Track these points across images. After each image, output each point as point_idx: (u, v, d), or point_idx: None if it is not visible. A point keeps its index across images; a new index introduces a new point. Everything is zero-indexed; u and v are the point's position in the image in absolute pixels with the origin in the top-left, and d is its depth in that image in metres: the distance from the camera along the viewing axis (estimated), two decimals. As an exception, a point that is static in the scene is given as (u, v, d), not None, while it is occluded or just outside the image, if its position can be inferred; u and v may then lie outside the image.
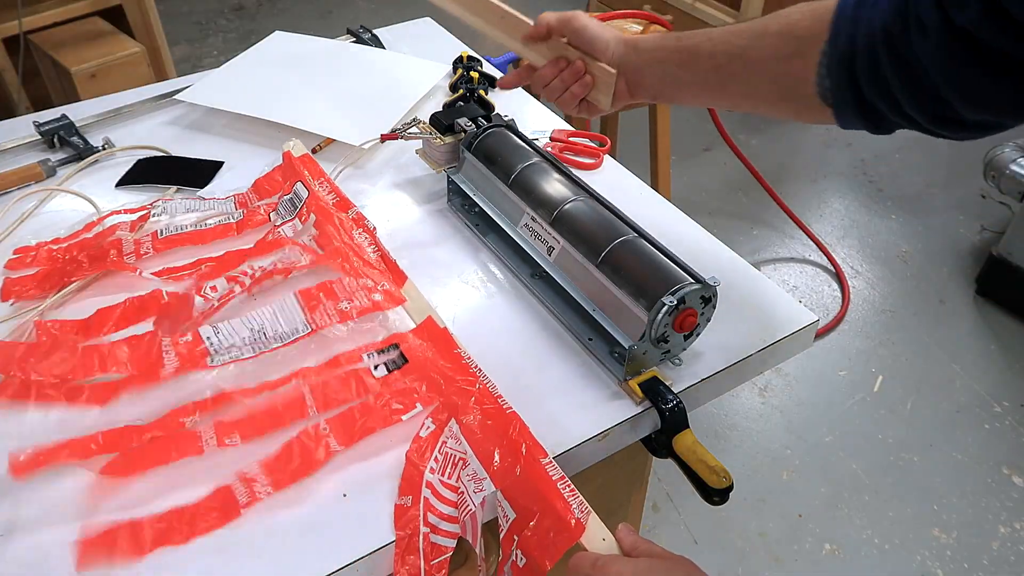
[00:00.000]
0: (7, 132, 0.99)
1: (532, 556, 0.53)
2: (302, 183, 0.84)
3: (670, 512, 1.51)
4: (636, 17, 1.63)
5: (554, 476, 0.56)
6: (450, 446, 0.61)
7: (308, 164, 0.88)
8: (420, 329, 0.70)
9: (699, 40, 0.68)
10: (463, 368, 0.66)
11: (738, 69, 0.66)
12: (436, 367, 0.67)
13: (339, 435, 0.61)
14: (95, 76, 1.95)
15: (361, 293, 0.72)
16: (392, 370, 0.67)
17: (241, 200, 0.87)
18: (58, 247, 0.81)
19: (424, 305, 0.73)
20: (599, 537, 0.54)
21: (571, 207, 0.74)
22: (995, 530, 1.49)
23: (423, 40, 1.24)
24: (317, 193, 0.83)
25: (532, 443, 0.59)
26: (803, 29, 0.61)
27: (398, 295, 0.73)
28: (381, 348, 0.68)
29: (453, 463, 0.60)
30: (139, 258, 0.79)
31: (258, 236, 0.81)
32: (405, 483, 0.59)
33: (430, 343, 0.69)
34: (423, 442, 0.61)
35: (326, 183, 0.85)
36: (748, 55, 0.65)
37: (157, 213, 0.84)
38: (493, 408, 0.62)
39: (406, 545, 0.56)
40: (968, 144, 2.46)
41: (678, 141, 2.28)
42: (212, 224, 0.83)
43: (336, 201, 0.82)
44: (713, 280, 0.65)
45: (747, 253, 2.09)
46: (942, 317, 1.93)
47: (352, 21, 1.74)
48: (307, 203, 0.82)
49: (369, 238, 0.79)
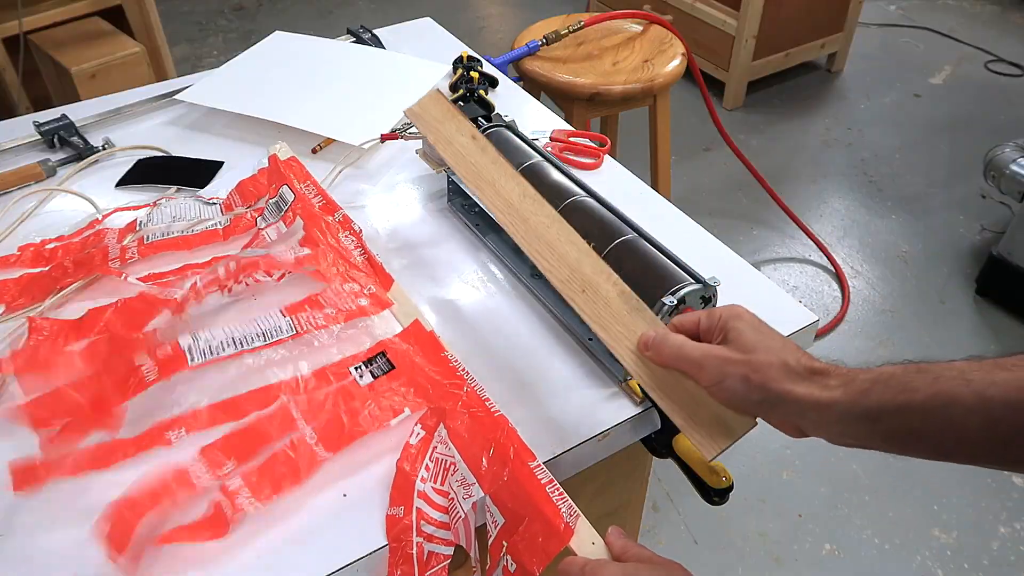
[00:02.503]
0: (7, 132, 0.99)
1: (521, 561, 0.53)
2: (288, 186, 0.84)
3: (670, 512, 1.51)
4: (636, 17, 1.63)
5: (543, 480, 0.56)
6: (440, 451, 0.61)
7: (294, 167, 0.88)
8: (407, 333, 0.70)
9: (954, 385, 0.46)
10: (450, 371, 0.66)
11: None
12: (423, 371, 0.66)
13: (326, 442, 0.61)
14: (95, 76, 1.95)
15: (347, 298, 0.71)
16: (378, 376, 0.66)
17: (226, 203, 0.87)
18: (45, 249, 0.80)
19: (411, 308, 0.72)
20: (588, 541, 0.53)
21: (571, 207, 0.74)
22: (995, 530, 1.49)
23: (423, 40, 1.24)
24: (303, 195, 0.82)
25: (520, 447, 0.59)
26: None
27: (384, 299, 0.73)
28: (368, 357, 0.67)
29: (444, 468, 0.60)
30: (124, 263, 0.78)
31: (245, 241, 0.81)
32: (396, 492, 0.58)
33: (417, 346, 0.68)
34: (413, 449, 0.61)
35: (312, 186, 0.85)
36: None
37: (143, 221, 0.83)
38: (480, 412, 0.62)
39: (399, 555, 0.55)
40: (968, 144, 2.46)
41: (678, 141, 2.28)
42: (199, 231, 0.83)
43: (322, 204, 0.82)
44: (713, 280, 0.65)
45: (747, 253, 2.09)
46: (942, 317, 1.93)
47: (352, 21, 1.74)
48: (293, 206, 0.81)
49: (355, 240, 0.79)
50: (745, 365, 0.51)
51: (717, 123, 1.94)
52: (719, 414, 0.54)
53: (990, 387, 0.45)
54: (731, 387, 0.52)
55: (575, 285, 0.62)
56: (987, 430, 0.45)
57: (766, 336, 0.53)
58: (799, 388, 0.50)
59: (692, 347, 0.54)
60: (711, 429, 0.54)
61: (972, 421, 0.45)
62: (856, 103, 2.71)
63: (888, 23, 3.16)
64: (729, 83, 2.63)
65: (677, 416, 0.56)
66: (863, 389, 0.48)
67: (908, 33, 3.10)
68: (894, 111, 2.67)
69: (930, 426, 0.46)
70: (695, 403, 0.55)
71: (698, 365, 0.54)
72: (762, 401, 0.51)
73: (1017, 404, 0.44)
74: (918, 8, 3.27)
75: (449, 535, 0.57)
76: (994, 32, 3.09)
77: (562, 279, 0.63)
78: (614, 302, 0.61)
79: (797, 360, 0.51)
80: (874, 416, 0.48)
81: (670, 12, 2.65)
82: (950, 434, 0.46)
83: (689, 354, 0.54)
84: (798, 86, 2.80)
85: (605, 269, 0.63)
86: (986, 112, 2.65)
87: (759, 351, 0.52)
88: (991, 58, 2.92)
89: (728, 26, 2.53)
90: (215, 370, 0.66)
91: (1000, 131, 2.45)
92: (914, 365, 0.48)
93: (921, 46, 3.03)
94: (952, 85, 2.80)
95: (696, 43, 2.63)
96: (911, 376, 0.47)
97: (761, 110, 2.67)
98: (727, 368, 0.52)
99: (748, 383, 0.51)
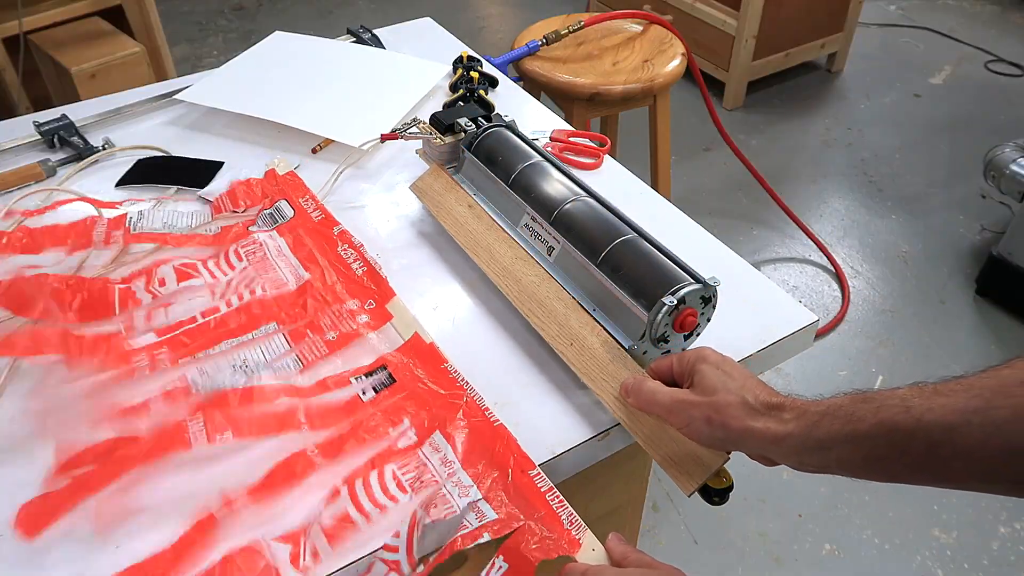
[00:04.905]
0: (7, 132, 0.99)
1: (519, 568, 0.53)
2: (288, 202, 0.84)
3: (670, 512, 1.51)
4: (636, 17, 1.63)
5: (543, 488, 0.57)
6: (424, 457, 0.60)
7: (293, 182, 0.88)
8: (407, 347, 0.70)
9: (895, 413, 0.48)
10: (450, 383, 0.66)
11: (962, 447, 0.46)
12: (423, 384, 0.66)
13: (325, 451, 0.61)
14: (95, 76, 1.95)
15: (347, 319, 0.72)
16: (380, 391, 0.66)
17: (215, 205, 0.86)
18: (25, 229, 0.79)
19: (410, 320, 0.72)
20: (589, 547, 0.54)
21: (571, 207, 0.74)
22: (995, 530, 1.49)
23: (423, 40, 1.24)
24: (303, 209, 0.82)
25: (520, 455, 0.59)
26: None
27: (384, 313, 0.73)
28: (368, 371, 0.68)
29: (421, 475, 0.59)
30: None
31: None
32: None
33: (417, 359, 0.68)
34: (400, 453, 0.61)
35: (311, 200, 0.85)
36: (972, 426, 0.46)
37: (134, 220, 0.83)
38: (480, 421, 0.62)
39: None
40: (968, 144, 2.46)
41: (678, 141, 2.28)
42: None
43: (321, 218, 0.82)
44: (713, 280, 0.65)
45: (747, 253, 2.09)
46: (942, 317, 1.93)
47: (352, 21, 1.74)
48: (292, 222, 0.82)
49: (355, 254, 0.79)
50: (708, 407, 0.55)
51: (717, 123, 1.94)
52: (694, 451, 0.58)
53: (927, 413, 0.47)
54: (697, 429, 0.56)
55: (564, 339, 0.68)
56: (929, 454, 0.47)
57: (728, 376, 0.57)
58: (757, 424, 0.53)
59: (663, 393, 0.59)
60: (687, 467, 0.58)
61: (914, 446, 0.47)
62: (856, 103, 2.71)
63: (888, 23, 3.16)
64: (729, 83, 2.63)
65: (656, 455, 0.60)
66: (814, 421, 0.52)
67: (908, 33, 3.10)
68: (894, 111, 2.67)
69: (877, 452, 0.49)
70: (672, 442, 0.59)
71: (667, 410, 0.58)
72: (725, 439, 0.55)
73: (953, 427, 0.46)
74: (918, 8, 3.27)
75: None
76: (994, 32, 3.09)
77: (552, 334, 0.69)
78: (598, 352, 0.66)
79: (755, 397, 0.55)
80: (826, 446, 0.51)
81: (670, 12, 2.65)
82: (896, 459, 0.49)
83: (660, 400, 0.58)
84: (798, 86, 2.80)
85: (589, 322, 0.68)
86: (986, 112, 2.65)
87: (719, 392, 0.55)
88: (991, 58, 2.92)
89: (728, 26, 2.53)
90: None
91: (1000, 131, 2.45)
92: (860, 395, 0.51)
93: (921, 46, 3.03)
94: (952, 85, 2.80)
95: (696, 43, 2.63)
96: (857, 406, 0.50)
97: (761, 110, 2.67)
98: (691, 412, 0.56)
99: (711, 424, 0.55)
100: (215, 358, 0.68)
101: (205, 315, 0.72)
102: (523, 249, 0.75)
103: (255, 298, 0.74)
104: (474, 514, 0.56)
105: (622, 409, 0.63)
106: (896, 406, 0.48)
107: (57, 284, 0.71)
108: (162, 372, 0.66)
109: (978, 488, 0.48)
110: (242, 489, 0.58)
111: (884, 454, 0.49)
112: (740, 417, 0.54)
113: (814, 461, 0.52)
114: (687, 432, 0.58)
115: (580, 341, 0.67)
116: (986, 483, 0.47)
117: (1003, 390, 0.45)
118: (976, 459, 0.46)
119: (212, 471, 0.59)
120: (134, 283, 0.75)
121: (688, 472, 0.58)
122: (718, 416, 0.54)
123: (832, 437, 0.50)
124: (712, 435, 0.56)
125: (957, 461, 0.46)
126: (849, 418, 0.50)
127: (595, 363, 0.66)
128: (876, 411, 0.49)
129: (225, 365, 0.67)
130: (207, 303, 0.73)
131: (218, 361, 0.68)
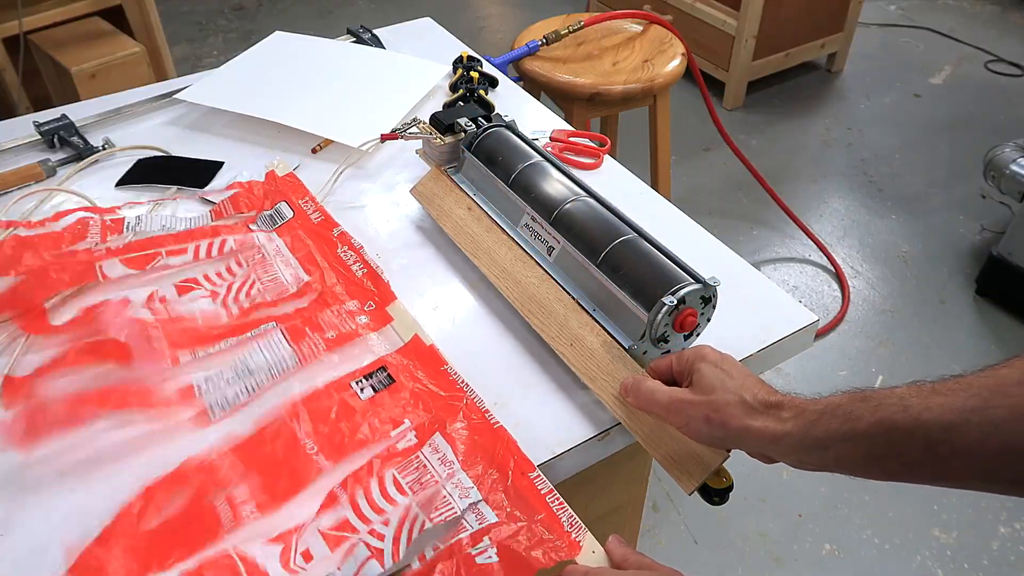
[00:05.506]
0: (7, 132, 0.99)
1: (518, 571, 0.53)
2: (287, 203, 0.84)
3: (670, 512, 1.51)
4: (636, 17, 1.63)
5: (543, 490, 0.57)
6: (425, 458, 0.60)
7: (292, 184, 0.88)
8: (407, 349, 0.70)
9: (893, 412, 0.48)
10: (450, 384, 0.66)
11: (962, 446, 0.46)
12: (423, 385, 0.66)
13: (326, 452, 0.61)
14: (95, 76, 1.95)
15: (347, 319, 0.72)
16: (379, 391, 0.66)
17: (216, 210, 0.86)
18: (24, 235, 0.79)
19: (410, 322, 0.72)
20: (589, 550, 0.54)
21: (571, 207, 0.74)
22: (995, 530, 1.49)
23: (423, 40, 1.24)
24: (302, 211, 0.82)
25: (520, 457, 0.59)
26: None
27: (385, 314, 0.73)
28: (368, 372, 0.67)
29: (421, 476, 0.59)
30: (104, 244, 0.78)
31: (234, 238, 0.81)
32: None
33: (417, 361, 0.68)
34: (399, 456, 0.61)
35: (311, 202, 0.85)
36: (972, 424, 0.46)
37: (132, 225, 0.82)
38: (480, 422, 0.62)
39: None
40: (968, 144, 2.46)
41: (678, 141, 2.28)
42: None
43: (321, 220, 0.82)
44: (713, 280, 0.65)
45: (747, 253, 2.09)
46: (942, 317, 1.93)
47: (352, 21, 1.74)
48: (291, 223, 0.82)
49: (355, 256, 0.78)
50: (706, 406, 0.55)
51: (717, 123, 1.94)
52: (694, 450, 0.58)
53: (925, 411, 0.47)
54: (696, 428, 0.56)
55: (564, 340, 0.68)
56: (927, 453, 0.47)
57: (727, 374, 0.57)
58: (756, 423, 0.53)
59: (661, 392, 0.59)
60: (687, 465, 0.58)
61: (912, 445, 0.47)
62: (856, 103, 2.71)
63: (888, 23, 3.16)
64: (729, 83, 2.63)
65: (656, 454, 0.60)
66: (812, 420, 0.51)
67: (908, 33, 3.10)
68: (894, 111, 2.67)
69: (875, 451, 0.49)
70: (672, 441, 0.59)
71: (666, 409, 0.58)
72: (724, 437, 0.55)
73: (951, 426, 0.46)
74: (918, 8, 3.27)
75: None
76: (994, 32, 3.09)
77: (552, 335, 0.69)
78: (598, 352, 0.66)
79: (754, 396, 0.54)
80: (824, 445, 0.51)
81: (670, 12, 2.65)
82: (894, 458, 0.49)
83: (659, 400, 0.59)
84: (798, 86, 2.80)
85: (589, 322, 0.68)
86: (986, 112, 2.65)
87: (718, 391, 0.55)
88: (991, 58, 2.92)
89: (728, 26, 2.53)
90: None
91: (1000, 131, 2.45)
92: (859, 394, 0.51)
93: (921, 46, 3.03)
94: (952, 85, 2.80)
95: (696, 43, 2.63)
96: (855, 405, 0.50)
97: (761, 110, 2.67)
98: (690, 411, 0.56)
99: (710, 423, 0.55)
100: (215, 357, 0.68)
101: (206, 318, 0.72)
102: (523, 250, 0.75)
103: (255, 300, 0.74)
104: (474, 515, 0.56)
105: (622, 409, 0.63)
106: (894, 405, 0.48)
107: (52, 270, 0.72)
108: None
109: (976, 487, 0.48)
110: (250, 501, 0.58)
111: (882, 453, 0.49)
112: (738, 416, 0.54)
113: (812, 460, 0.52)
114: (686, 431, 0.58)
115: (580, 341, 0.67)
116: (984, 482, 0.47)
117: (1001, 389, 0.45)
118: (974, 458, 0.45)
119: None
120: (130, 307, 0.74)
121: (688, 471, 0.58)
122: (717, 415, 0.54)
123: (830, 436, 0.50)
124: (711, 434, 0.56)
125: (955, 460, 0.46)
126: (847, 417, 0.50)
127: (595, 363, 0.66)
128: (874, 410, 0.49)
129: (228, 371, 0.67)
130: (210, 305, 0.74)
131: (221, 367, 0.68)
